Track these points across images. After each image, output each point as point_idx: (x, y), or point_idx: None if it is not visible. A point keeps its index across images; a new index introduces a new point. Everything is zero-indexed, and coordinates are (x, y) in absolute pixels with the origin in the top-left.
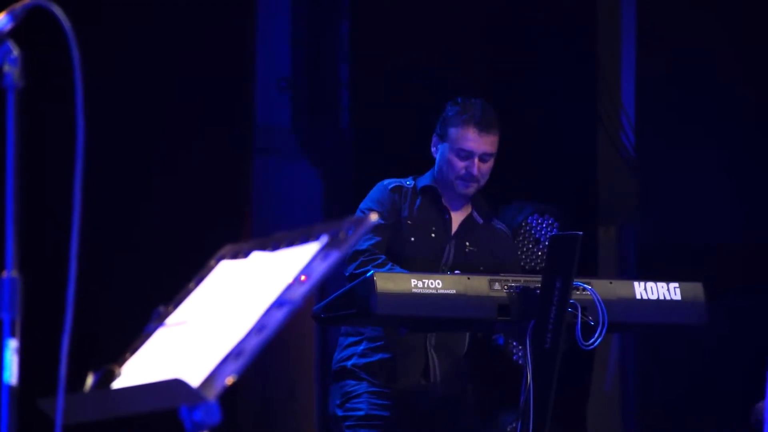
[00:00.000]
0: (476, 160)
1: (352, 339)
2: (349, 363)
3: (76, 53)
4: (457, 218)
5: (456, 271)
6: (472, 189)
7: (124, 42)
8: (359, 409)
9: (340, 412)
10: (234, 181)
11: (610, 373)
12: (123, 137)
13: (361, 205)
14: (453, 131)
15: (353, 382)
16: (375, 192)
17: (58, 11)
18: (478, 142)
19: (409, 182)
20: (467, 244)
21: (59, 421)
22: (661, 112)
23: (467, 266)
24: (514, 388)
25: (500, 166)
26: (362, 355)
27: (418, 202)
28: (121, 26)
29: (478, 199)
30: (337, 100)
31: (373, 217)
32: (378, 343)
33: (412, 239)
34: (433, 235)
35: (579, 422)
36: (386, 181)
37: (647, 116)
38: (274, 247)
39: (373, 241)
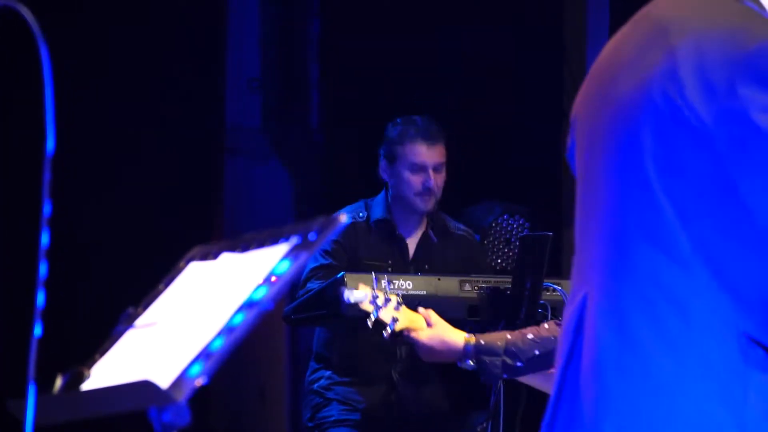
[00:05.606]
0: (430, 171)
1: (320, 365)
2: (316, 386)
3: (45, 54)
4: (412, 243)
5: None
6: (431, 204)
7: (94, 42)
8: (330, 416)
9: (310, 424)
10: (204, 181)
11: None
12: (93, 137)
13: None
14: (401, 149)
15: (321, 401)
16: None
17: (26, 12)
18: (428, 153)
19: (362, 214)
20: (426, 267)
21: (29, 423)
22: None
23: None
24: (485, 388)
25: (468, 165)
26: (329, 379)
27: (372, 236)
28: (91, 27)
29: (433, 216)
30: (307, 101)
31: (343, 218)
32: (344, 373)
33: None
34: (390, 269)
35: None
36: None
37: None
38: (244, 248)
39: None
